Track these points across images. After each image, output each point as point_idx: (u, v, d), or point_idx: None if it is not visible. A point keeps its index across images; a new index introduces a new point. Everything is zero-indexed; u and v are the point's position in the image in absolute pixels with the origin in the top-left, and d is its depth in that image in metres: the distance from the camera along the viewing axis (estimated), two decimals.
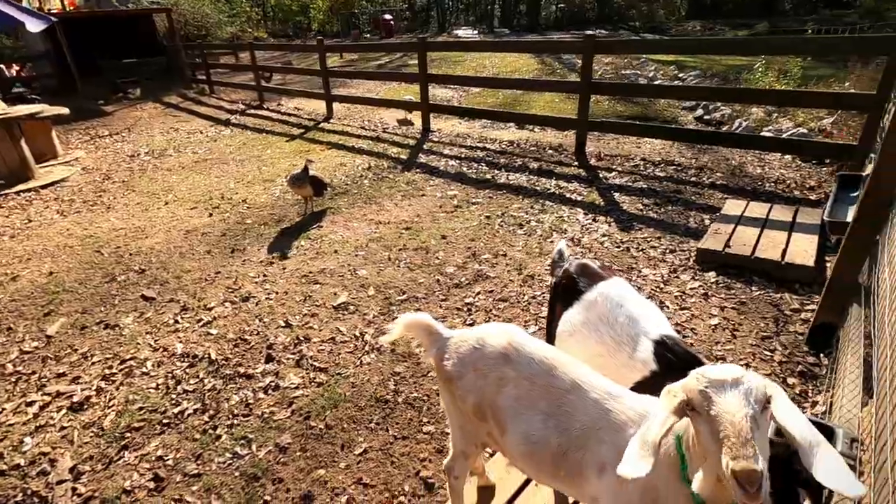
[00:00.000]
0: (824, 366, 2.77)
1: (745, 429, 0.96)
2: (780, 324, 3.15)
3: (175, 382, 3.01)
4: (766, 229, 4.06)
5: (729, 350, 2.96)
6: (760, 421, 1.01)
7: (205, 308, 3.76)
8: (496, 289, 3.77)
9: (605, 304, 1.86)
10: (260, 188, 6.34)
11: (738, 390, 1.02)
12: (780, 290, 3.49)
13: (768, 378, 2.70)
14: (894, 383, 1.33)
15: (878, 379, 1.59)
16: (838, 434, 1.81)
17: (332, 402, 2.78)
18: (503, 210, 5.16)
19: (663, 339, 1.69)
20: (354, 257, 4.40)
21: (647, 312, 1.81)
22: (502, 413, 1.48)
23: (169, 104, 12.81)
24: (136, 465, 2.47)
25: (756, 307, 3.34)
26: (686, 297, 3.51)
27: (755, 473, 0.92)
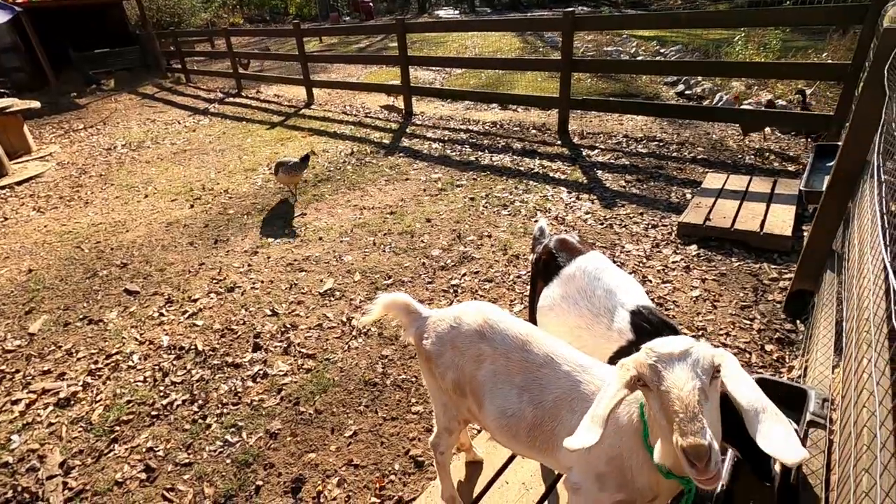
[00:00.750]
0: (801, 332, 2.84)
1: (693, 403, 0.96)
2: (758, 293, 3.22)
3: (162, 374, 3.00)
4: (745, 201, 4.12)
5: (710, 320, 3.02)
6: (710, 392, 1.01)
7: (190, 300, 3.74)
8: (482, 270, 3.79)
9: (583, 277, 1.89)
10: (241, 177, 6.26)
11: (686, 363, 1.02)
12: (759, 261, 3.56)
13: (749, 344, 2.78)
14: (860, 343, 1.38)
15: (846, 339, 1.64)
16: (810, 395, 1.88)
17: (321, 387, 2.80)
18: (487, 191, 5.16)
19: (639, 309, 1.73)
20: (339, 243, 4.38)
21: (624, 284, 1.84)
22: (480, 388, 1.50)
23: (144, 95, 12.50)
24: (126, 457, 2.48)
25: (736, 278, 3.40)
26: (668, 271, 3.56)
27: (702, 448, 0.92)
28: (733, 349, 2.78)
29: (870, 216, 1.84)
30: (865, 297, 1.51)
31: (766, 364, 2.66)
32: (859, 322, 1.48)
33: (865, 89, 2.32)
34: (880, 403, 1.07)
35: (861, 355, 1.31)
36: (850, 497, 1.04)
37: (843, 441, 1.29)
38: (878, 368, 1.19)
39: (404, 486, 2.22)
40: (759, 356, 2.72)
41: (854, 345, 1.45)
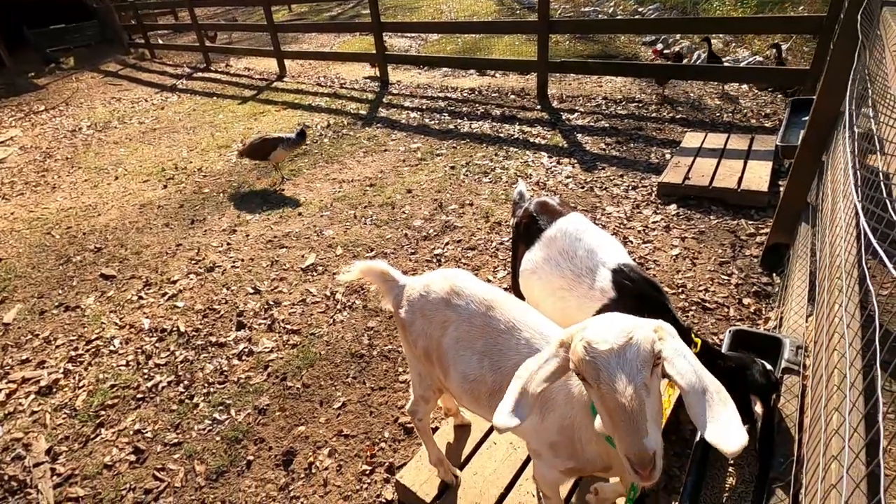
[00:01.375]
0: (777, 284, 2.91)
1: (634, 409, 0.91)
2: (736, 249, 3.28)
3: (146, 358, 2.97)
4: (723, 159, 4.14)
5: (689, 277, 3.07)
6: (652, 384, 0.96)
7: (169, 281, 3.67)
8: (464, 238, 3.78)
9: (564, 239, 1.89)
10: (215, 155, 6.08)
11: (625, 360, 0.94)
12: (737, 217, 3.60)
13: (727, 299, 2.84)
14: (831, 289, 1.41)
15: (819, 288, 1.68)
16: (785, 343, 1.93)
17: (308, 361, 2.80)
18: (468, 159, 5.10)
19: (620, 267, 1.74)
20: (319, 218, 4.32)
21: (605, 243, 1.85)
22: (444, 355, 1.51)
23: (107, 72, 11.96)
24: (114, 440, 2.46)
25: (714, 235, 3.45)
26: (649, 231, 3.59)
27: (646, 457, 0.90)
28: (712, 304, 2.84)
29: (842, 166, 1.86)
30: (837, 244, 1.54)
31: (743, 317, 2.73)
32: (831, 269, 1.51)
33: (840, 38, 2.31)
34: (850, 345, 1.09)
35: (832, 301, 1.34)
36: (821, 435, 1.08)
37: (816, 384, 1.33)
38: (848, 312, 1.22)
39: (395, 452, 2.26)
40: (736, 310, 2.78)
41: (826, 292, 1.48)
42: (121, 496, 2.19)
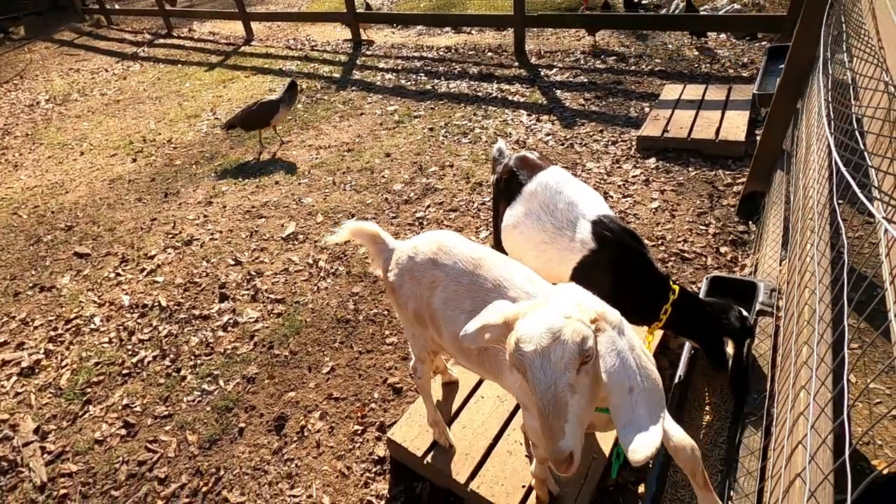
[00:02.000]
0: (752, 232, 2.97)
1: (551, 413, 0.92)
2: (714, 199, 3.32)
3: (128, 334, 2.94)
4: (701, 110, 4.14)
5: (668, 229, 3.11)
6: (579, 383, 0.95)
7: (146, 257, 3.59)
8: (446, 200, 3.75)
9: (544, 192, 1.88)
10: (184, 125, 5.86)
11: (548, 361, 0.93)
12: (715, 168, 3.63)
13: (705, 248, 2.89)
14: (804, 230, 1.44)
15: (792, 230, 1.71)
16: (760, 287, 1.99)
17: (294, 329, 2.80)
18: (446, 120, 5.01)
19: (600, 218, 1.75)
20: (297, 186, 4.23)
21: (585, 195, 1.85)
22: (436, 315, 1.51)
23: (62, 42, 11.29)
24: (103, 416, 2.46)
25: (693, 186, 3.48)
26: (629, 185, 3.61)
27: (560, 458, 0.93)
28: (690, 254, 2.89)
29: (817, 109, 1.87)
30: (810, 186, 1.56)
31: (721, 265, 2.79)
32: (804, 211, 1.54)
33: None
34: (819, 281, 1.13)
35: (805, 241, 1.37)
36: (791, 369, 1.12)
37: (787, 322, 1.38)
38: (818, 251, 1.25)
39: (385, 411, 2.30)
40: (714, 258, 2.84)
41: (798, 233, 1.51)
42: (115, 469, 2.21)
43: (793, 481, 0.86)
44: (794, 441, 0.93)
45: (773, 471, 1.06)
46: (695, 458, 1.26)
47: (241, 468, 2.14)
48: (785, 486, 0.90)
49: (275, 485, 2.06)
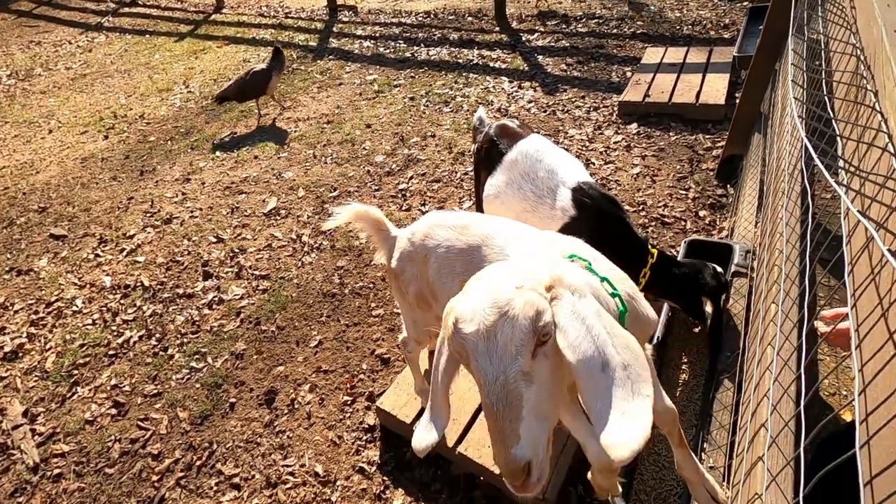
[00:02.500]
0: (730, 195, 3.02)
1: (501, 411, 0.75)
2: (694, 163, 3.35)
3: (112, 315, 2.92)
4: (682, 74, 4.12)
5: (649, 195, 3.15)
6: (537, 370, 0.77)
7: (125, 237, 3.53)
8: (428, 171, 3.73)
9: (525, 161, 1.89)
10: (156, 100, 5.67)
11: (494, 344, 0.76)
12: (695, 132, 3.65)
13: (685, 213, 2.94)
14: (777, 192, 1.47)
15: (766, 193, 1.75)
16: (735, 249, 2.04)
17: (280, 304, 2.81)
18: (427, 89, 4.92)
19: (580, 185, 1.77)
20: (277, 160, 4.16)
21: (565, 163, 1.86)
22: (434, 288, 1.53)
23: (20, 12, 10.70)
24: (91, 397, 2.47)
25: (673, 151, 3.50)
26: (610, 152, 3.61)
27: (514, 469, 0.73)
28: (670, 219, 2.94)
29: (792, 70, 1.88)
30: (783, 148, 1.59)
31: (699, 229, 2.85)
32: (777, 173, 1.57)
33: None
34: (787, 241, 1.16)
35: (777, 203, 1.40)
36: (759, 327, 1.17)
37: (759, 282, 1.43)
38: (787, 211, 1.28)
39: (374, 381, 2.35)
40: (693, 222, 2.89)
41: (772, 195, 1.54)
42: (107, 448, 2.23)
43: (757, 431, 0.92)
44: (760, 394, 0.98)
45: (742, 423, 1.12)
46: (674, 421, 1.32)
47: (234, 441, 2.18)
48: (750, 436, 0.95)
49: (268, 456, 2.11)
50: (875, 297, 0.61)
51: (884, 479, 0.47)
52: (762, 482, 0.81)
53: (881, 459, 0.48)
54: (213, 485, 2.04)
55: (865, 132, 0.75)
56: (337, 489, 1.95)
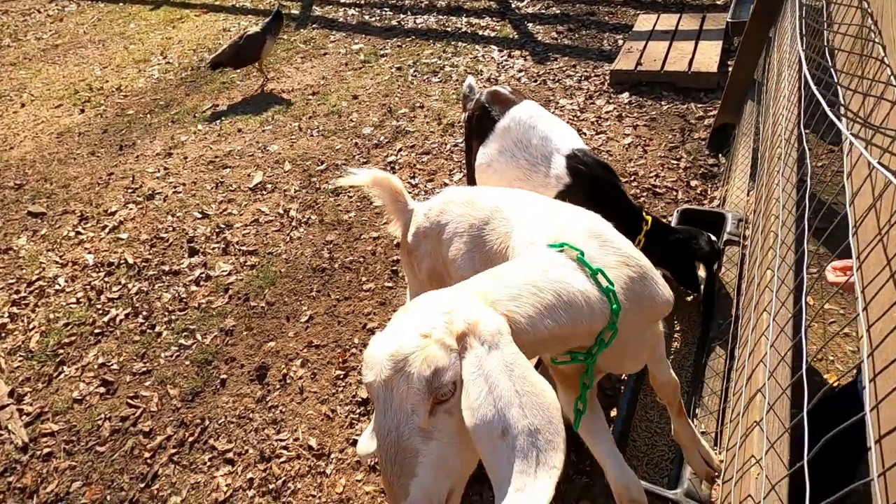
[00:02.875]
0: (722, 164, 3.00)
1: (402, 462, 0.71)
2: (685, 133, 3.32)
3: (96, 293, 2.86)
4: (675, 41, 4.04)
5: (641, 165, 3.12)
6: (438, 426, 0.73)
7: (106, 214, 3.44)
8: (417, 143, 3.65)
9: (518, 128, 1.84)
10: (133, 71, 5.45)
11: (390, 397, 0.73)
12: (687, 101, 3.61)
13: (676, 183, 2.92)
14: (772, 158, 1.45)
15: (760, 159, 1.73)
16: (728, 217, 2.03)
17: (269, 280, 2.77)
18: (415, 58, 4.78)
19: (574, 152, 1.73)
20: (262, 133, 4.04)
21: (558, 129, 1.82)
22: (449, 267, 1.48)
23: None
24: (79, 376, 2.43)
25: (665, 121, 3.46)
26: (602, 122, 3.56)
27: None
28: (662, 189, 2.92)
29: (789, 33, 1.83)
30: (779, 114, 1.56)
31: (691, 198, 2.84)
32: (773, 140, 1.54)
33: None
34: (784, 207, 1.14)
35: (772, 168, 1.38)
36: (755, 292, 1.17)
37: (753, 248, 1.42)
38: (784, 177, 1.26)
39: None
40: (685, 192, 2.88)
41: (767, 161, 1.52)
42: (97, 426, 2.21)
43: (753, 396, 0.91)
44: (756, 360, 0.97)
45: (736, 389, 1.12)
46: (675, 392, 1.33)
47: (227, 417, 2.17)
48: (746, 401, 0.95)
49: (261, 431, 2.10)
50: (883, 257, 0.59)
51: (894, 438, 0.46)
52: (759, 446, 0.81)
53: (893, 419, 0.46)
54: (207, 460, 2.03)
55: (872, 86, 0.72)
56: (331, 462, 1.96)
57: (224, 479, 1.96)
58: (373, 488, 1.86)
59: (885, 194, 0.62)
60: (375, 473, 1.90)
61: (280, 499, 1.88)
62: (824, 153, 2.77)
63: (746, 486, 0.83)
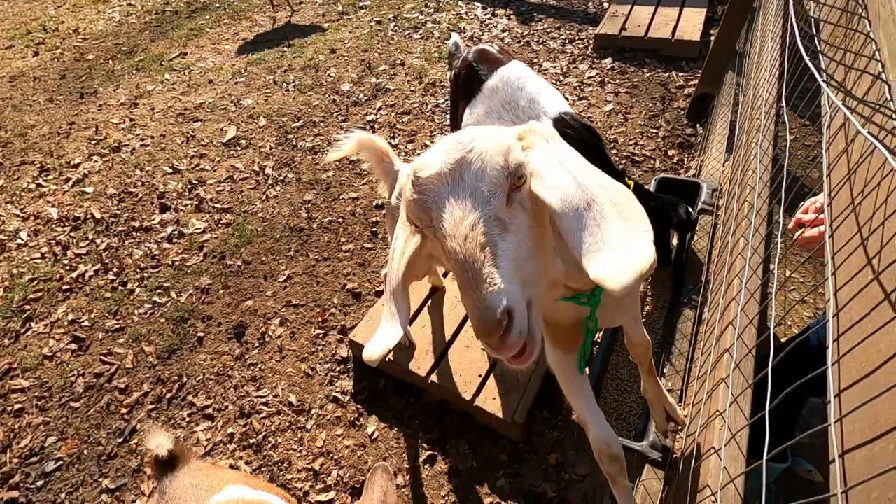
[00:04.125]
0: (699, 134, 3.05)
1: (471, 253, 0.62)
2: (666, 102, 3.34)
3: (62, 248, 2.75)
4: (660, 7, 4.00)
5: (621, 132, 3.14)
6: (511, 216, 0.66)
7: (69, 165, 3.27)
8: (398, 102, 3.56)
9: (506, 89, 1.82)
10: (91, 12, 5.08)
11: (460, 186, 0.65)
12: (669, 69, 3.61)
13: (654, 151, 2.96)
14: (751, 129, 1.48)
15: (738, 130, 1.77)
16: (703, 187, 2.08)
17: (245, 239, 2.72)
18: (395, 12, 4.61)
19: (561, 115, 1.73)
20: (234, 85, 3.87)
21: (545, 91, 1.80)
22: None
23: None
24: (48, 332, 2.38)
25: (646, 88, 3.47)
26: (584, 87, 3.54)
27: (489, 319, 0.60)
28: (640, 157, 2.96)
29: (775, 4, 1.84)
30: (760, 86, 1.59)
31: (668, 167, 2.89)
32: (752, 111, 1.57)
33: None
34: (759, 178, 1.19)
35: (751, 140, 1.42)
36: (727, 259, 1.22)
37: (727, 217, 1.47)
38: (762, 149, 1.30)
39: (345, 315, 2.35)
40: (662, 161, 2.92)
41: (745, 133, 1.56)
42: (70, 382, 2.18)
43: (721, 356, 0.97)
44: (725, 322, 1.03)
45: (704, 349, 1.19)
46: (647, 351, 1.39)
47: (205, 375, 2.17)
48: (714, 360, 1.01)
49: (240, 388, 2.12)
50: (854, 226, 0.63)
51: (852, 392, 0.50)
52: (724, 400, 0.87)
53: (851, 374, 0.51)
54: (186, 416, 2.05)
55: (857, 59, 0.74)
56: (311, 417, 2.00)
57: (204, 433, 1.99)
58: (352, 442, 1.91)
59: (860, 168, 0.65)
60: (356, 428, 1.96)
61: (261, 452, 1.92)
62: (797, 127, 2.84)
63: (710, 437, 0.90)
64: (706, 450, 0.87)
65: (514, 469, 1.77)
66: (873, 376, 0.47)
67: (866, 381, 0.48)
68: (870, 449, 0.43)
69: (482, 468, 1.79)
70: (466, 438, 1.87)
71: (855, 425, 0.47)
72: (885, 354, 0.47)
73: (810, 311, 2.06)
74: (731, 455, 0.80)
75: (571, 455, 1.78)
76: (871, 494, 0.40)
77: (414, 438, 1.89)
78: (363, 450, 1.89)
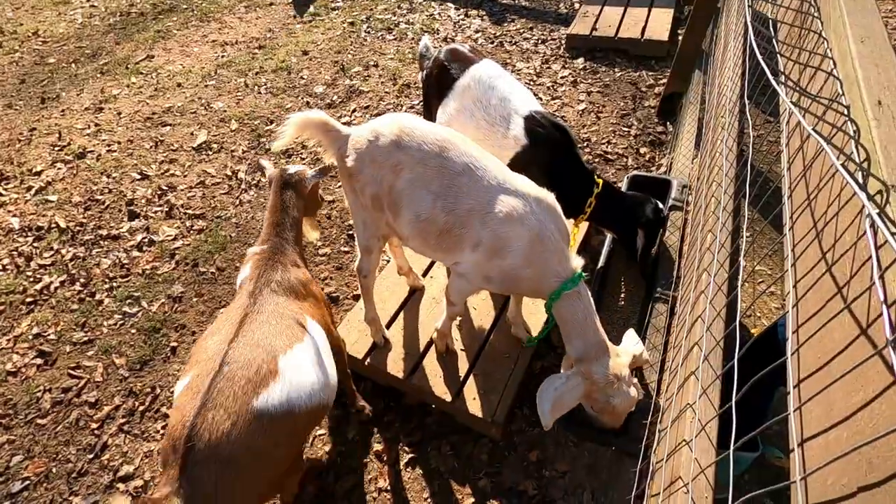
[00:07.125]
0: (670, 132, 3.12)
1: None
2: (637, 101, 3.40)
3: (25, 259, 2.65)
4: (629, 7, 4.08)
5: (594, 131, 3.19)
6: None
7: (31, 173, 3.16)
8: (372, 103, 3.55)
9: (477, 87, 1.83)
10: (52, 14, 4.91)
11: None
12: (639, 69, 3.68)
13: (626, 149, 3.00)
14: (716, 127, 1.52)
15: (705, 128, 1.81)
16: (673, 184, 2.13)
17: (219, 245, 2.67)
18: (368, 13, 4.58)
19: (532, 114, 1.75)
20: (204, 88, 3.79)
21: (517, 90, 1.82)
22: (398, 198, 1.50)
23: None
24: (11, 347, 2.29)
25: (618, 88, 3.53)
26: (557, 87, 3.58)
27: None
28: (613, 155, 3.00)
29: (737, 4, 1.89)
30: (724, 84, 1.63)
31: (640, 165, 2.94)
32: (717, 109, 1.61)
33: None
34: (726, 175, 1.22)
35: (716, 137, 1.45)
36: (697, 254, 1.25)
37: (695, 213, 1.50)
38: (727, 146, 1.33)
39: None
40: (634, 159, 2.98)
41: (711, 130, 1.60)
42: (36, 398, 2.10)
43: (691, 349, 0.99)
44: (695, 315, 1.05)
45: (675, 342, 1.21)
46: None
47: None
48: (685, 353, 1.03)
49: None
50: (810, 220, 0.65)
51: (810, 382, 0.52)
52: (694, 393, 0.89)
53: (809, 364, 0.52)
54: (160, 428, 1.99)
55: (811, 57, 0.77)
56: None
57: None
58: (332, 448, 1.89)
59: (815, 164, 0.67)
60: (336, 434, 1.93)
61: None
62: (761, 123, 2.93)
63: (682, 429, 0.92)
64: (678, 442, 0.89)
65: (495, 468, 1.78)
66: (828, 366, 0.49)
67: (822, 371, 0.49)
68: (825, 437, 0.44)
69: (464, 469, 1.79)
70: (447, 439, 1.86)
71: (812, 414, 0.49)
72: (839, 344, 0.49)
73: (778, 303, 2.13)
74: (701, 447, 0.82)
75: (551, 451, 1.80)
76: (826, 480, 0.41)
77: (395, 441, 1.88)
78: (344, 454, 1.87)
